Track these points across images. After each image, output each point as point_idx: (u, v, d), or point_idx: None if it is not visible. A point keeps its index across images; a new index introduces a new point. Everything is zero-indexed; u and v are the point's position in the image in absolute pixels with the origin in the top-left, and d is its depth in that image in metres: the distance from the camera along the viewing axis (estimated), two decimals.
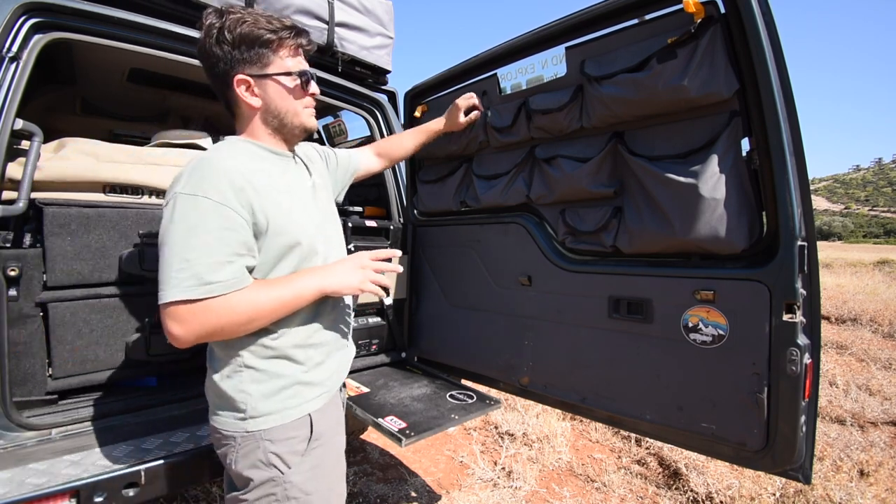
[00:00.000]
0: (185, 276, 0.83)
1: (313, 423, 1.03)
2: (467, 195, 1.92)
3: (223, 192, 0.87)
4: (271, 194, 0.96)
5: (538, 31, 1.57)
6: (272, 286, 0.94)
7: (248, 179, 0.92)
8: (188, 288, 0.84)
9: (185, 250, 0.84)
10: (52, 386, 1.44)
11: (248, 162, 0.97)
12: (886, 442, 2.96)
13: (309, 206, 1.10)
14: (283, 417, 0.99)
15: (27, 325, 1.37)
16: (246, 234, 0.91)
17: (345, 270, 1.04)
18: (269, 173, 1.01)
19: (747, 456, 1.16)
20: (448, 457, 2.81)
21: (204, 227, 0.85)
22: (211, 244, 0.85)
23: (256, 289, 0.92)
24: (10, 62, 1.31)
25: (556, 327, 1.59)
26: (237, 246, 0.89)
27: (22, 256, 1.34)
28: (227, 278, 0.87)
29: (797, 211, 1.06)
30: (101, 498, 1.14)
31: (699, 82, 1.17)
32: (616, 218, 1.42)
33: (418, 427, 1.44)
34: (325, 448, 1.07)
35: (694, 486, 2.40)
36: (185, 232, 0.85)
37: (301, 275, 1.00)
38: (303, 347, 1.04)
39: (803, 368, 1.04)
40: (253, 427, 0.97)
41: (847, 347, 5.06)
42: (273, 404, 0.99)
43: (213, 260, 0.85)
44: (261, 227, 0.94)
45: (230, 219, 0.88)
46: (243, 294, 0.90)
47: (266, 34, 0.97)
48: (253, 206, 0.91)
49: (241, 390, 0.98)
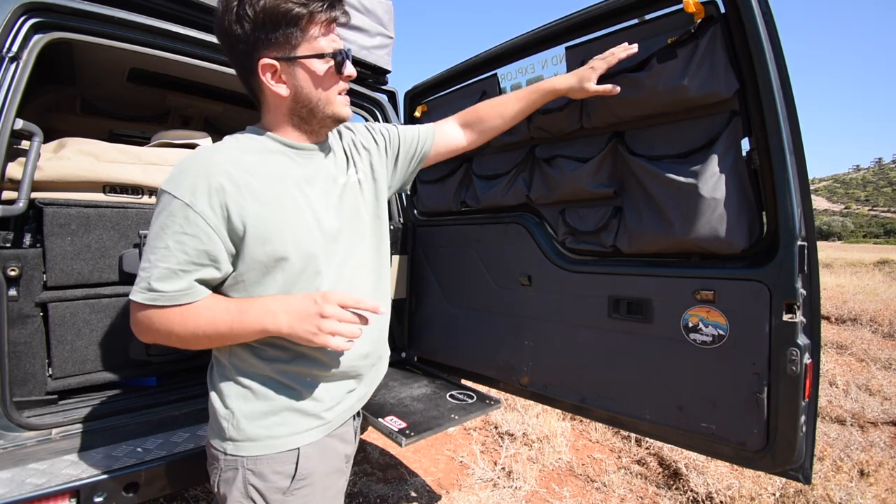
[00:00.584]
0: (142, 278, 0.80)
1: (300, 458, 0.90)
2: (467, 195, 1.92)
3: (195, 192, 0.79)
4: (261, 195, 0.84)
5: (538, 31, 1.57)
6: (216, 311, 0.83)
7: (231, 177, 0.82)
8: (138, 291, 0.80)
9: (151, 250, 0.80)
10: (52, 386, 1.44)
11: (242, 156, 0.86)
12: (886, 442, 2.96)
13: (322, 212, 0.92)
14: (268, 447, 0.88)
15: (27, 325, 1.37)
16: (210, 242, 0.80)
17: (297, 312, 0.82)
18: (269, 170, 0.88)
19: (747, 456, 1.16)
20: (448, 457, 2.81)
21: (170, 229, 0.79)
22: (169, 248, 0.79)
23: (199, 310, 0.83)
24: (10, 62, 1.30)
25: (556, 327, 1.58)
26: (195, 255, 0.80)
27: (22, 256, 1.34)
28: (171, 290, 0.80)
29: (797, 211, 1.06)
30: (101, 498, 1.14)
31: (699, 82, 1.17)
32: (616, 218, 1.42)
33: (418, 427, 1.43)
34: (314, 489, 0.93)
35: (694, 486, 2.40)
36: (157, 231, 0.80)
37: (252, 304, 0.84)
38: (299, 368, 0.90)
39: (803, 368, 1.04)
40: (234, 451, 0.88)
41: (847, 347, 5.06)
42: (257, 429, 0.88)
43: (166, 266, 0.79)
44: (237, 231, 0.82)
45: (194, 224, 0.79)
46: (184, 311, 0.82)
47: (294, 8, 0.82)
48: (229, 208, 0.81)
49: (226, 406, 0.89)
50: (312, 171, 0.94)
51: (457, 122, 1.32)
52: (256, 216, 0.83)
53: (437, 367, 2.05)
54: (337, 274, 0.94)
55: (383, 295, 1.09)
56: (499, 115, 1.30)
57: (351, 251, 0.98)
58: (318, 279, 0.90)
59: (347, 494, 2.27)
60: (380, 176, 1.11)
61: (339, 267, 0.94)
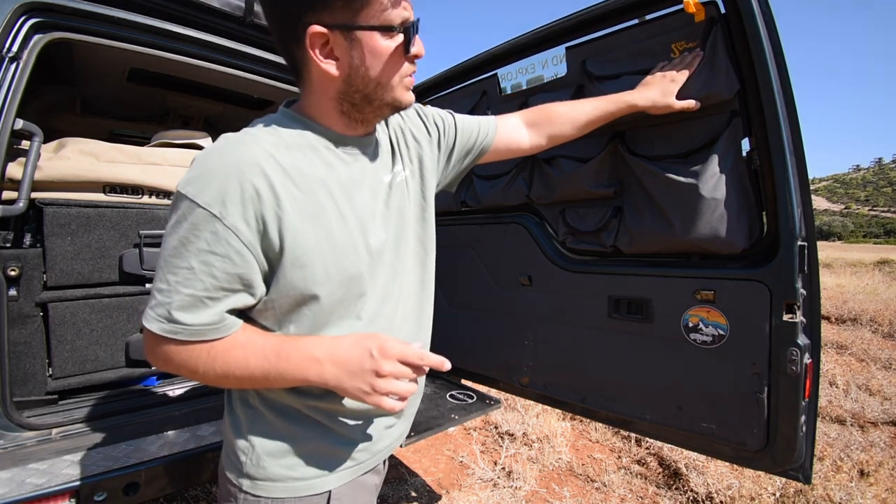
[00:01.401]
0: (160, 303, 0.65)
1: (331, 502, 0.79)
2: (467, 195, 1.92)
3: (225, 199, 0.63)
4: (302, 206, 0.68)
5: (538, 31, 1.57)
6: (250, 351, 0.69)
7: (269, 180, 0.65)
8: (154, 319, 0.66)
9: (169, 269, 0.65)
10: (52, 386, 1.44)
11: (280, 152, 0.69)
12: (886, 442, 2.96)
13: (369, 224, 0.77)
14: (293, 490, 0.76)
15: (27, 325, 1.37)
16: (244, 264, 0.66)
17: (348, 365, 0.68)
18: (312, 172, 0.72)
19: (747, 456, 1.16)
20: (448, 457, 2.81)
21: (193, 245, 0.64)
22: (194, 270, 0.64)
23: (230, 349, 0.69)
24: (10, 62, 1.30)
25: (557, 327, 1.58)
26: (225, 280, 0.65)
27: (22, 256, 1.34)
28: (197, 323, 0.65)
29: (797, 211, 1.06)
30: (101, 498, 1.14)
31: (700, 83, 1.17)
32: (616, 218, 1.42)
33: (418, 427, 1.44)
34: None
35: (694, 486, 2.40)
36: (176, 245, 0.64)
37: (293, 346, 0.69)
38: (333, 405, 0.78)
39: (803, 368, 1.04)
40: (252, 490, 0.76)
41: (847, 347, 5.06)
42: (281, 469, 0.76)
43: (189, 293, 0.64)
44: (274, 248, 0.67)
45: (224, 241, 0.64)
46: (212, 349, 0.68)
47: None
48: (266, 219, 0.65)
49: (245, 437, 0.77)
50: (359, 171, 0.79)
51: (522, 119, 1.15)
52: (295, 233, 0.68)
53: None
54: (382, 294, 0.80)
55: (428, 311, 0.95)
56: (571, 122, 1.15)
57: (396, 265, 0.84)
58: (361, 302, 0.77)
59: None
60: (429, 172, 0.94)
61: (384, 286, 0.81)
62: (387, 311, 0.81)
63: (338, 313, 0.75)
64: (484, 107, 1.80)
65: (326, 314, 0.74)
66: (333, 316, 0.75)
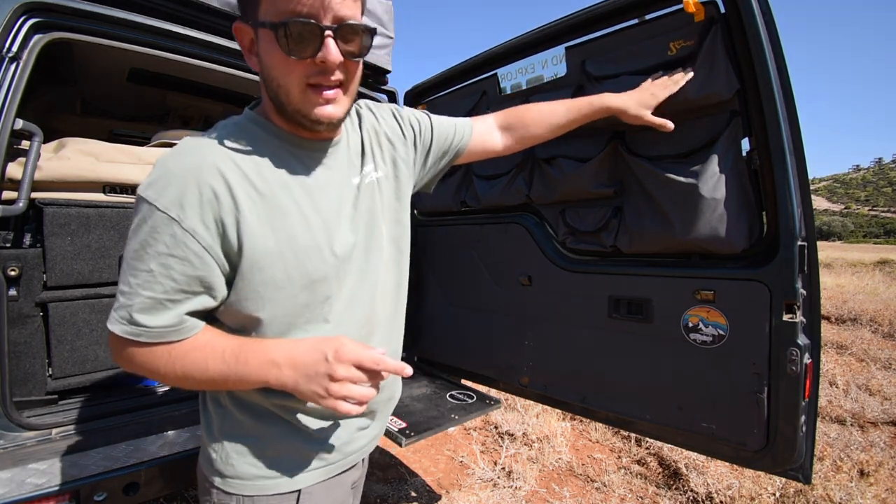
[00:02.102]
0: (122, 305, 0.66)
1: (301, 500, 0.79)
2: (467, 195, 1.92)
3: (183, 203, 0.63)
4: (261, 209, 0.69)
5: (538, 31, 1.57)
6: (209, 354, 0.69)
7: (227, 183, 0.66)
8: (117, 321, 0.67)
9: (131, 271, 0.66)
10: (52, 386, 1.44)
11: (239, 154, 0.70)
12: (886, 442, 2.96)
13: (334, 228, 0.77)
14: (262, 488, 0.76)
15: (27, 325, 1.37)
16: (203, 266, 0.66)
17: (304, 368, 0.67)
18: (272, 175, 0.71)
19: (747, 456, 1.16)
20: (448, 457, 2.81)
21: (153, 248, 0.64)
22: (153, 273, 0.64)
23: (189, 351, 0.69)
24: (10, 62, 1.30)
25: (557, 327, 1.58)
26: (185, 282, 0.66)
27: (22, 256, 1.34)
28: (157, 325, 0.66)
29: (797, 211, 1.06)
30: (101, 498, 1.14)
31: (699, 83, 1.17)
32: (616, 218, 1.42)
33: (418, 427, 1.43)
34: None
35: (694, 486, 2.40)
36: (137, 248, 0.65)
37: (251, 350, 0.69)
38: (301, 405, 0.77)
39: (803, 368, 1.04)
40: (223, 487, 0.77)
41: (847, 347, 5.06)
42: (249, 467, 0.77)
43: (149, 295, 0.65)
44: (233, 250, 0.68)
45: (182, 244, 0.64)
46: (172, 351, 0.68)
47: None
48: (225, 222, 0.66)
49: (215, 436, 0.79)
50: (324, 173, 0.78)
51: (496, 122, 1.16)
52: (254, 236, 0.68)
53: (437, 367, 2.05)
54: (350, 297, 0.79)
55: (401, 313, 0.96)
56: (546, 124, 1.16)
57: (366, 268, 0.82)
58: (328, 305, 0.76)
59: None
60: (403, 174, 0.93)
61: (352, 289, 0.80)
62: (356, 314, 0.81)
63: (304, 317, 0.75)
64: (484, 107, 1.80)
65: (291, 317, 0.74)
66: (300, 319, 0.74)
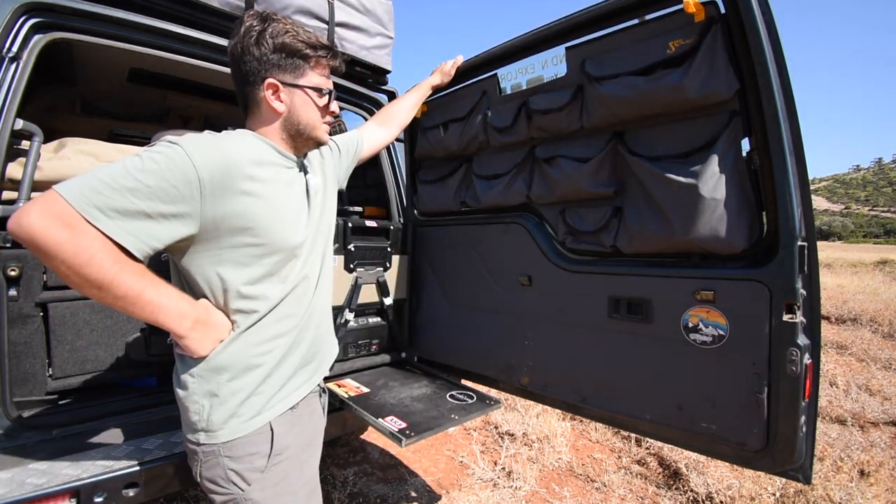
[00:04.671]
0: (93, 187, 0.76)
1: (274, 435, 0.98)
2: (467, 195, 1.92)
3: (205, 164, 0.83)
4: (264, 194, 0.94)
5: (538, 31, 1.57)
6: (133, 285, 0.79)
7: (243, 173, 0.90)
8: (80, 195, 0.74)
9: (120, 174, 0.77)
10: (52, 386, 1.44)
11: (254, 156, 0.95)
12: (887, 442, 2.96)
13: (302, 214, 1.07)
14: (241, 429, 0.94)
15: (27, 325, 1.37)
16: (179, 213, 0.82)
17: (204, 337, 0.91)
18: (273, 174, 0.99)
19: (747, 456, 1.16)
20: (448, 457, 2.81)
21: (158, 173, 0.79)
22: (150, 186, 0.78)
23: (123, 269, 0.78)
24: (10, 62, 1.30)
25: (557, 327, 1.58)
26: (167, 209, 0.80)
27: (22, 256, 1.34)
28: (122, 227, 0.77)
29: (797, 211, 1.06)
30: (101, 498, 1.14)
31: (699, 82, 1.17)
32: (616, 218, 1.42)
33: (418, 427, 1.43)
34: (291, 463, 1.02)
35: (694, 486, 2.40)
36: (137, 165, 0.79)
37: (170, 301, 0.85)
38: (250, 358, 0.96)
39: (803, 368, 1.04)
40: (211, 440, 0.93)
41: (847, 347, 5.06)
42: (226, 414, 0.93)
43: (134, 199, 0.77)
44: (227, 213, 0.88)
45: (187, 184, 0.81)
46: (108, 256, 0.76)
47: (306, 49, 1.00)
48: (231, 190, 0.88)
49: (194, 400, 0.94)
50: (294, 177, 1.08)
51: (375, 123, 1.65)
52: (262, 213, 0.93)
53: (437, 367, 2.05)
54: (304, 257, 1.07)
55: (327, 299, 1.23)
56: (403, 109, 1.71)
57: (312, 251, 1.11)
58: (296, 262, 1.04)
59: (347, 494, 2.28)
60: (330, 178, 1.28)
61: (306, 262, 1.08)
62: (310, 269, 1.10)
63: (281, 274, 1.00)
64: (484, 107, 1.80)
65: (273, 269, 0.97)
66: (277, 268, 0.99)
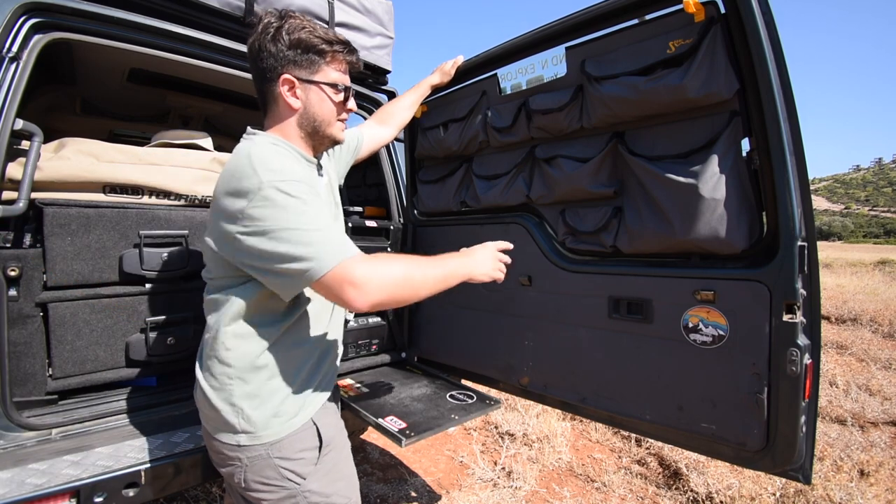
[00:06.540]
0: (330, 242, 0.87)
1: (320, 429, 1.04)
2: (467, 195, 1.92)
3: (299, 177, 0.92)
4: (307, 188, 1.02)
5: (538, 31, 1.56)
6: (420, 261, 0.96)
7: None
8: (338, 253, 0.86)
9: (313, 223, 0.87)
10: (52, 386, 1.44)
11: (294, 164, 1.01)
12: (887, 442, 2.96)
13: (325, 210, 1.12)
14: (284, 428, 0.98)
15: (27, 325, 1.37)
16: None
17: (485, 259, 1.10)
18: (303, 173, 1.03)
19: (747, 456, 1.16)
20: (448, 457, 2.81)
21: (315, 208, 0.89)
22: (329, 222, 0.91)
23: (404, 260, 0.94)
24: (10, 62, 1.30)
25: (556, 327, 1.58)
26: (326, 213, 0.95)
27: (22, 256, 1.34)
28: None
29: (797, 211, 1.06)
30: (101, 498, 1.14)
31: (699, 83, 1.17)
32: (616, 218, 1.42)
33: (418, 427, 1.43)
34: (337, 451, 1.10)
35: (694, 486, 2.40)
36: (300, 211, 0.87)
37: (449, 258, 1.03)
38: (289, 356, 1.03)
39: (803, 369, 1.04)
40: (254, 441, 0.96)
41: (847, 347, 5.06)
42: (268, 413, 0.97)
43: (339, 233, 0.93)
44: None
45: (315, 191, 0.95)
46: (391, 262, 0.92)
47: (322, 44, 1.01)
48: None
49: (231, 402, 0.97)
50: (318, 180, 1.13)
51: (375, 122, 1.66)
52: None
53: (437, 367, 2.05)
54: None
55: None
56: (401, 108, 1.71)
57: None
58: None
59: None
60: (333, 174, 1.34)
61: None
62: None
63: None
64: (484, 107, 1.80)
65: None
66: None
